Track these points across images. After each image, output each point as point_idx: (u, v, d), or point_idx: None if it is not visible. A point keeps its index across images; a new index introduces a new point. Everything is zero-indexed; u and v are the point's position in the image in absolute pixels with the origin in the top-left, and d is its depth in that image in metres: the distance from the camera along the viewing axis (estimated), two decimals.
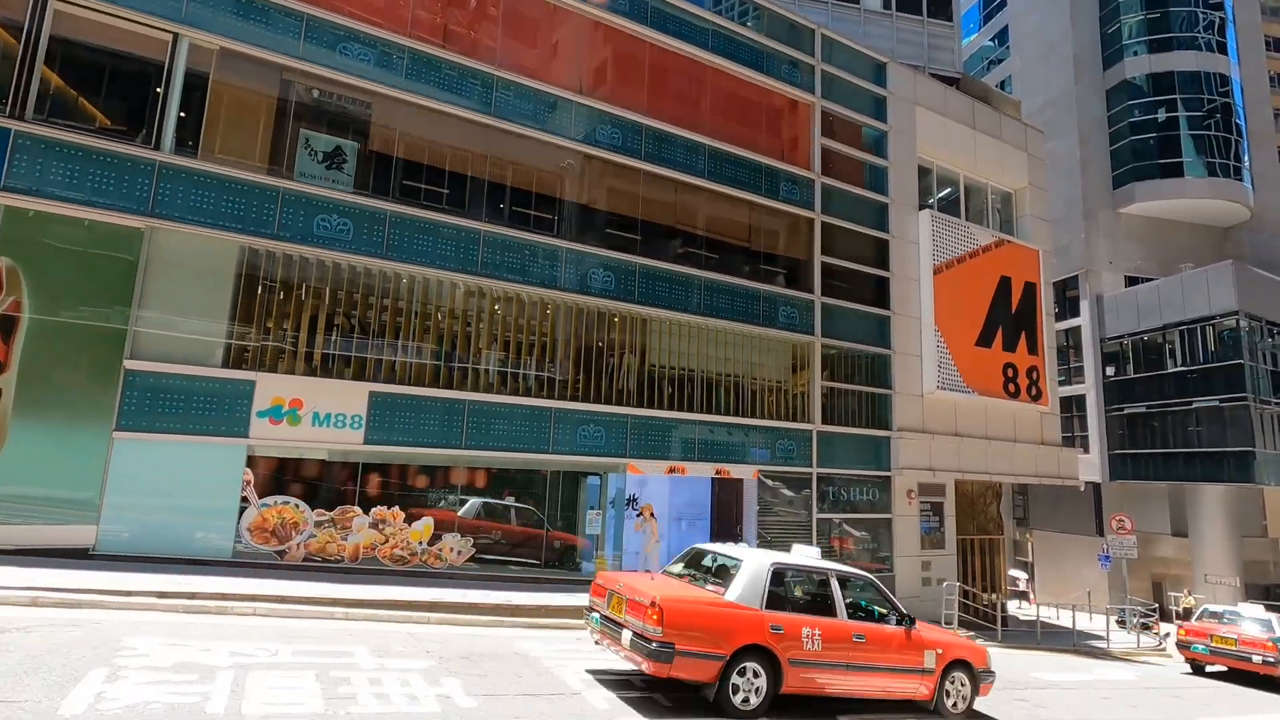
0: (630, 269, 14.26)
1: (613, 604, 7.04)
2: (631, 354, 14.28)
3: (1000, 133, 21.27)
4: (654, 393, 14.41)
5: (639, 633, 6.42)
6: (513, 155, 13.47)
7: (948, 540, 18.05)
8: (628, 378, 14.19)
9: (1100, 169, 36.79)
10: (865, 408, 17.33)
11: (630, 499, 15.06)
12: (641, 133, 14.76)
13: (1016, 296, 20.14)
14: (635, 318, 14.33)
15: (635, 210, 14.75)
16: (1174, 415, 31.20)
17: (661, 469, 14.30)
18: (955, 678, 7.92)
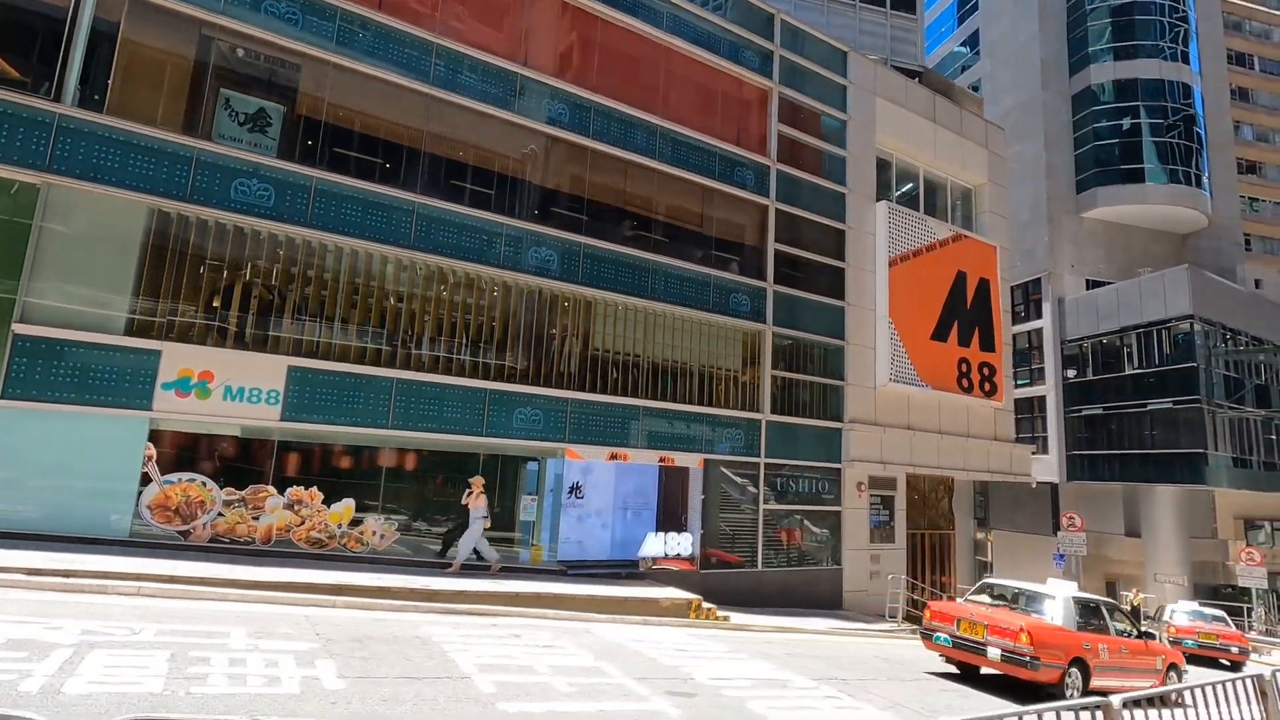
0: (575, 249, 13.85)
1: (963, 628, 9.59)
2: (575, 336, 13.87)
3: (961, 128, 21.23)
4: (598, 377, 14.03)
5: (1009, 650, 8.92)
6: (452, 128, 12.98)
7: (898, 534, 17.93)
8: (570, 360, 13.78)
9: (1065, 173, 37.20)
10: (817, 399, 17.12)
11: (574, 486, 14.69)
12: (591, 110, 14.36)
13: (972, 292, 20.10)
14: (580, 299, 13.93)
15: (582, 190, 14.35)
16: (1129, 417, 31.59)
17: (602, 455, 13.92)
18: (1171, 676, 10.60)
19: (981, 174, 21.64)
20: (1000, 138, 22.43)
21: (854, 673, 9.56)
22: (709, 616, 12.28)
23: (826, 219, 17.85)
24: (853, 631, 13.80)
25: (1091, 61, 37.59)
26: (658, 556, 14.57)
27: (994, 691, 9.38)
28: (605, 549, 14.89)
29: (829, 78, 18.40)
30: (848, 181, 18.33)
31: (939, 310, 19.28)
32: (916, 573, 18.65)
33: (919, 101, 20.32)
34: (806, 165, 17.72)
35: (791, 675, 8.63)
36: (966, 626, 9.52)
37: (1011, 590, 10.55)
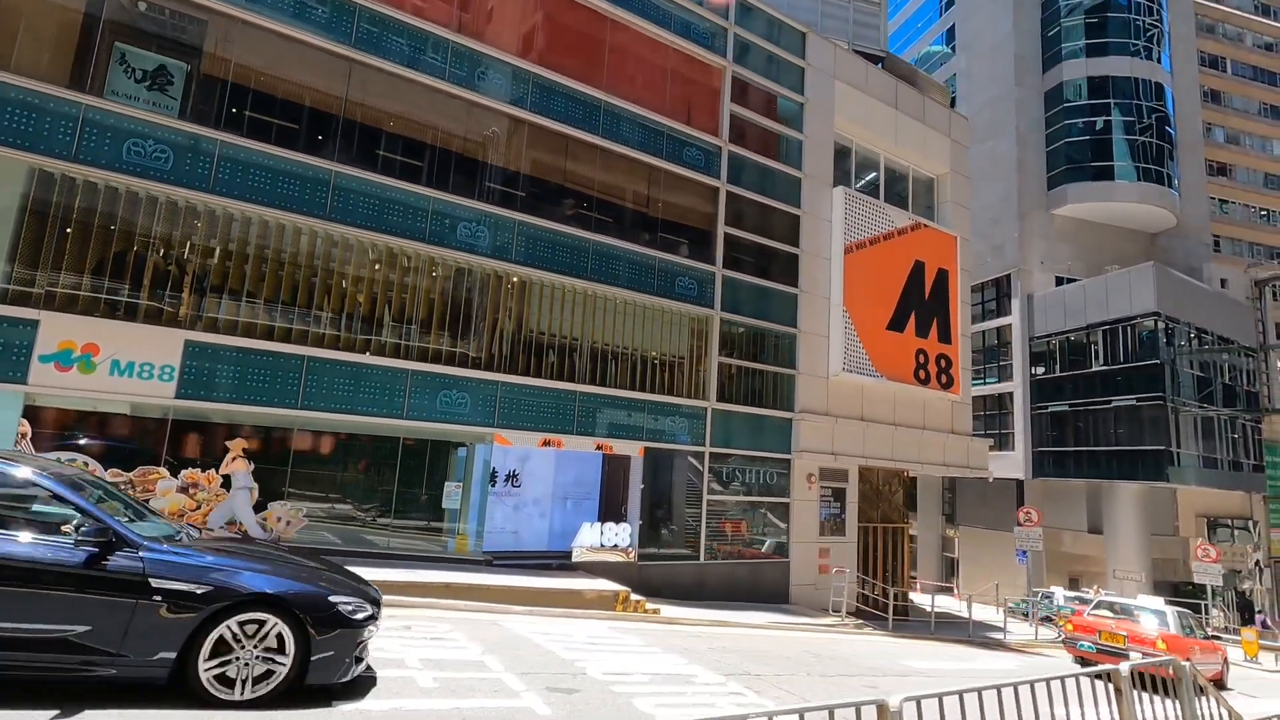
0: (508, 226, 13.25)
1: (1105, 637, 12.50)
2: (508, 317, 13.28)
3: (924, 116, 20.85)
4: (532, 359, 13.45)
5: (1148, 654, 11.35)
6: (376, 95, 12.32)
7: (849, 527, 17.54)
8: (503, 342, 13.19)
9: (1036, 169, 37.10)
10: (767, 388, 16.67)
11: (511, 474, 14.13)
12: (529, 81, 13.76)
13: (931, 282, 19.75)
14: (513, 278, 13.34)
15: (519, 165, 13.75)
16: (1094, 414, 31.56)
17: (535, 440, 13.35)
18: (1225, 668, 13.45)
19: (944, 163, 21.28)
20: (964, 127, 22.10)
21: (773, 668, 9.08)
22: (638, 609, 11.77)
23: (781, 203, 17.39)
24: (793, 626, 13.36)
25: (1065, 58, 37.51)
26: (594, 547, 14.04)
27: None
28: (543, 540, 14.34)
29: (786, 59, 17.92)
30: (804, 166, 17.86)
31: (896, 300, 18.90)
32: (868, 566, 18.29)
33: (880, 87, 19.90)
34: (761, 148, 17.23)
35: (701, 670, 8.14)
36: (1108, 636, 12.46)
37: (1125, 606, 13.83)
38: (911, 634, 15.25)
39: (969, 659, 13.05)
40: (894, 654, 11.92)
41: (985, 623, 19.93)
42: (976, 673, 11.55)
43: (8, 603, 3.88)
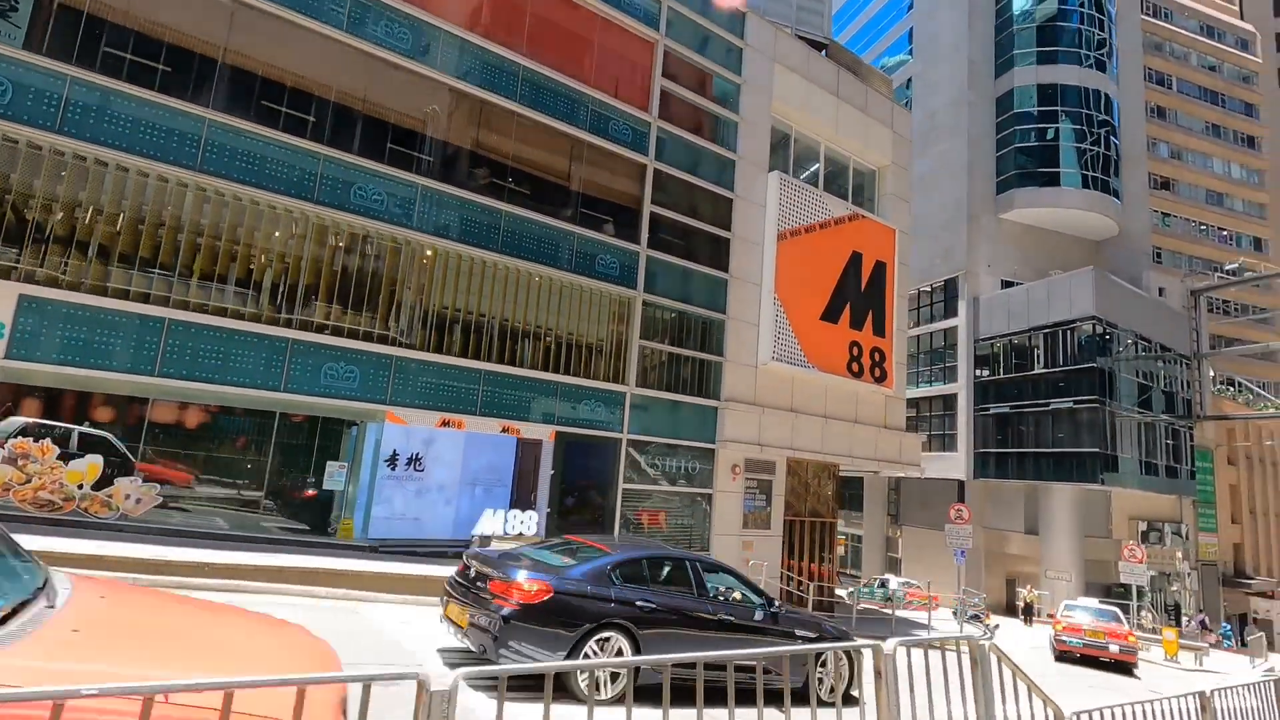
0: (410, 190, 12.40)
1: (1089, 634, 16.39)
2: (407, 287, 12.43)
3: (866, 106, 20.55)
4: (435, 334, 12.62)
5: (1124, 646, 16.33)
6: (265, 41, 11.36)
7: (774, 520, 17.07)
8: (400, 314, 12.33)
9: (986, 173, 37.43)
10: (692, 374, 16.09)
11: (414, 457, 13.32)
12: (439, 38, 12.93)
13: (868, 274, 19.43)
14: (416, 247, 12.49)
15: (425, 128, 12.90)
16: (1033, 416, 31.85)
17: (432, 420, 12.53)
18: None
19: (885, 155, 21.02)
20: (906, 120, 21.88)
21: None
22: None
23: (713, 185, 16.84)
24: None
25: (1016, 65, 37.94)
26: (497, 535, 13.26)
27: None
28: (447, 528, 13.53)
29: (724, 37, 17.38)
30: (738, 148, 17.35)
31: (831, 290, 18.52)
32: (795, 561, 17.86)
33: (822, 73, 19.52)
34: (693, 127, 16.66)
35: None
36: (1092, 634, 16.36)
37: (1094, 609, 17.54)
38: None
39: None
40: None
41: (911, 620, 19.70)
42: None
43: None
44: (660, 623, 6.47)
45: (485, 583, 6.25)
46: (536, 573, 6.21)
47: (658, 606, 6.53)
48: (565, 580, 6.22)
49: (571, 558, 6.79)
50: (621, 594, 6.42)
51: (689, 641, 6.54)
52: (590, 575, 6.41)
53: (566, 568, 6.50)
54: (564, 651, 5.92)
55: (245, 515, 10.88)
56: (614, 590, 6.39)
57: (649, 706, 5.64)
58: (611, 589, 6.39)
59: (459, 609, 6.36)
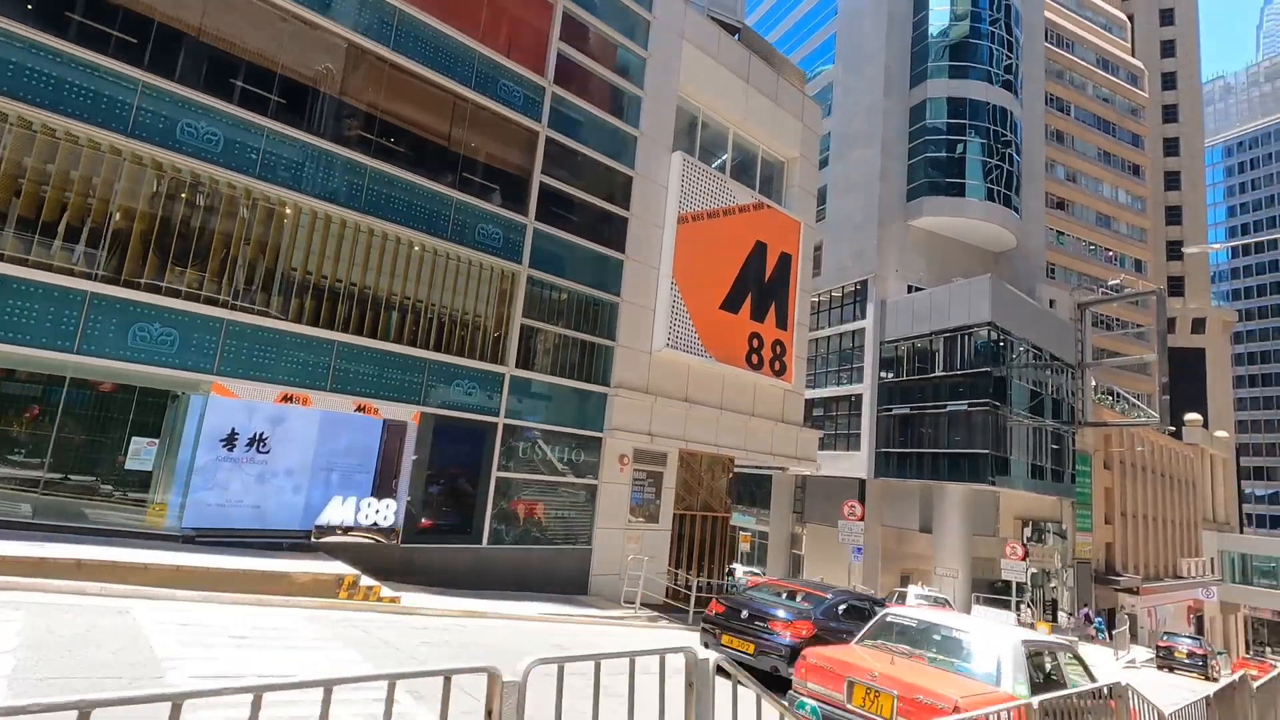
0: (255, 132, 10.93)
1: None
2: (247, 243, 10.95)
3: (776, 96, 20.23)
4: (278, 297, 11.19)
5: None
6: None
7: (663, 514, 16.41)
8: (238, 273, 10.84)
9: (897, 180, 38.35)
10: (580, 358, 15.20)
11: (257, 437, 11.84)
12: None
13: (772, 265, 19.10)
14: (258, 197, 11.02)
15: (278, 67, 11.42)
16: (930, 417, 32.74)
17: (270, 395, 11.11)
18: None
19: (795, 147, 20.79)
20: (816, 113, 21.75)
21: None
22: (371, 597, 9.87)
23: (612, 161, 16.00)
24: (570, 618, 11.91)
25: (930, 76, 39.03)
26: (346, 526, 11.97)
27: None
28: (295, 516, 12.09)
29: (629, 6, 16.55)
30: (641, 124, 16.58)
31: (733, 279, 18.05)
32: (685, 556, 17.28)
33: (732, 57, 19.02)
34: (593, 98, 15.75)
35: (371, 672, 6.39)
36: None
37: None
38: None
39: None
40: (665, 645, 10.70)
41: None
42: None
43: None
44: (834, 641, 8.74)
45: (765, 622, 9.14)
46: (801, 616, 9.14)
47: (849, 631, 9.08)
48: (816, 620, 9.11)
49: (799, 600, 9.77)
50: (840, 625, 9.40)
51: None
52: (826, 614, 9.44)
53: (812, 609, 9.41)
54: None
55: (25, 498, 9.19)
56: (836, 624, 9.38)
57: None
58: (835, 623, 9.40)
59: (739, 640, 9.20)
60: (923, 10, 40.07)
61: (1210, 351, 65.72)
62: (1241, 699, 7.43)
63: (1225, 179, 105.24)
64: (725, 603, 9.92)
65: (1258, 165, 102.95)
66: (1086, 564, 37.98)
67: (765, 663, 8.81)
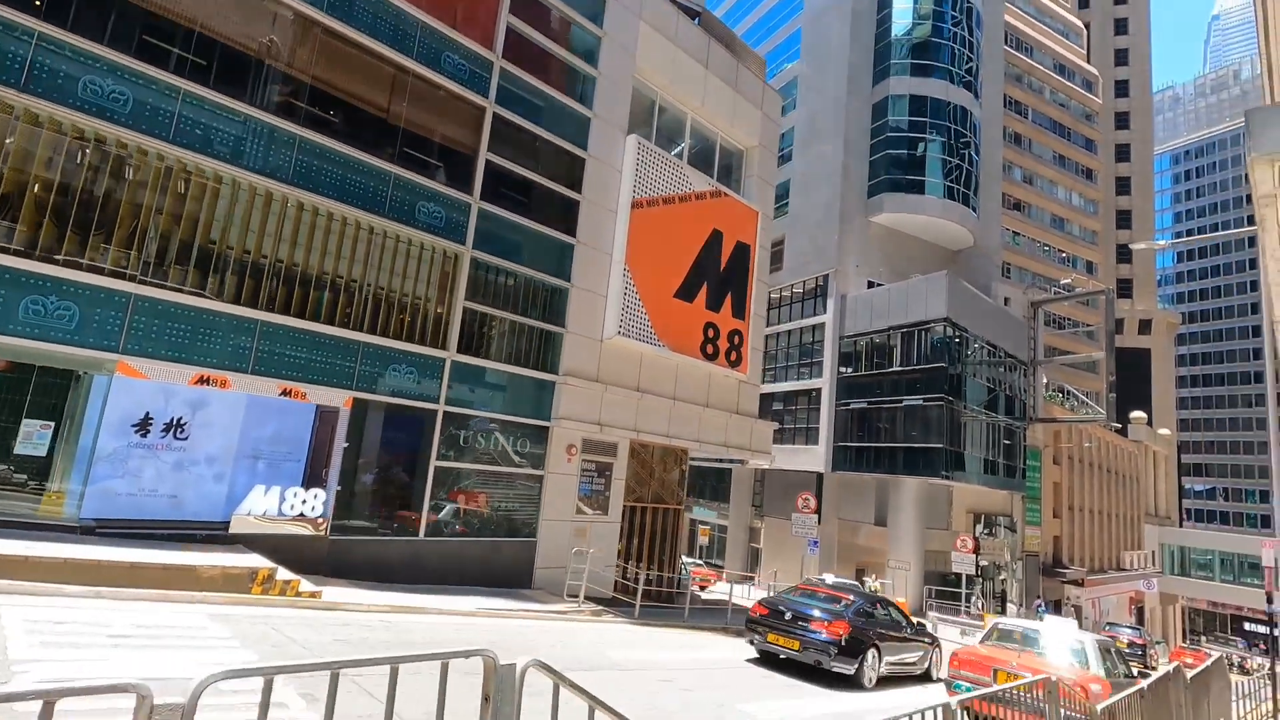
0: (169, 94, 10.15)
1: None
2: (159, 212, 10.17)
3: (736, 83, 19.92)
4: (196, 272, 10.45)
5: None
6: None
7: (612, 506, 16.02)
8: (147, 244, 10.07)
9: (859, 176, 38.54)
10: (527, 344, 14.70)
11: (175, 422, 11.12)
12: None
13: (728, 254, 18.81)
14: (172, 164, 10.25)
15: (195, 23, 10.64)
16: (887, 412, 33.01)
17: (185, 376, 10.37)
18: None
19: (754, 136, 20.53)
20: (776, 102, 21.53)
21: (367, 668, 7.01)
22: (289, 592, 9.26)
23: (564, 142, 15.49)
24: (509, 613, 11.44)
25: (892, 74, 39.29)
26: (268, 516, 11.30)
27: None
28: (217, 507, 11.38)
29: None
30: (595, 105, 16.10)
31: (688, 267, 17.71)
32: (635, 548, 16.92)
33: (691, 41, 18.64)
34: (545, 75, 15.21)
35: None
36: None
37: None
38: (660, 621, 13.93)
39: (698, 648, 11.84)
40: (604, 644, 10.34)
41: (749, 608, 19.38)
42: (695, 663, 10.26)
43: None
44: (883, 639, 10.99)
45: (806, 622, 10.46)
46: (838, 616, 10.50)
47: (881, 630, 11.14)
48: (850, 620, 10.52)
49: (831, 603, 11.02)
50: (864, 623, 10.86)
51: (892, 648, 11.22)
52: (856, 614, 10.83)
53: (844, 610, 10.76)
54: (858, 661, 10.27)
55: None
56: (862, 621, 10.81)
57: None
58: (860, 620, 10.79)
59: (784, 638, 10.53)
60: (886, 8, 40.31)
61: (1155, 352, 68.03)
62: (1175, 689, 7.36)
63: (1173, 186, 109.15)
64: (767, 605, 11.19)
65: (1203, 173, 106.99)
66: (1035, 557, 38.86)
67: (809, 657, 10.21)
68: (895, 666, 11.27)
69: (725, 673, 10.03)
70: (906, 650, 11.65)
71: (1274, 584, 15.16)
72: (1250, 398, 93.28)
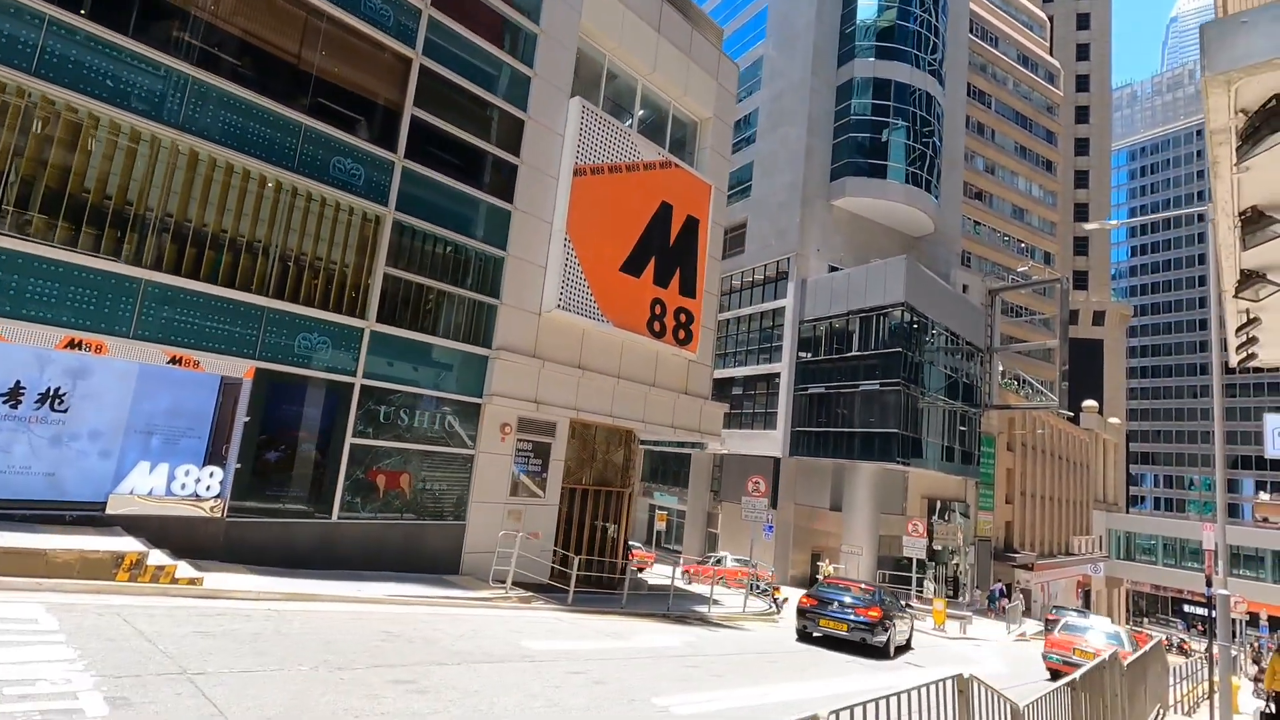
0: (31, 22, 8.97)
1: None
2: (19, 154, 9.02)
3: (690, 49, 19.11)
4: (69, 224, 9.32)
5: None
6: None
7: (550, 488, 15.27)
8: (7, 188, 8.92)
9: (822, 159, 38.09)
10: (459, 316, 13.80)
11: (51, 393, 10.09)
12: None
13: (678, 228, 18.08)
14: (36, 100, 9.09)
15: None
16: (844, 396, 32.81)
17: (51, 339, 9.28)
18: None
19: (708, 106, 19.77)
20: (733, 73, 20.80)
21: (261, 661, 6.20)
22: (162, 579, 8.33)
23: (501, 101, 14.54)
24: (423, 600, 10.65)
25: (857, 56, 38.84)
26: (154, 495, 10.29)
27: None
28: (103, 486, 10.35)
29: None
30: (536, 63, 15.15)
31: (635, 240, 16.94)
32: (577, 533, 16.23)
33: (641, 1, 17.75)
34: (480, 28, 14.21)
35: (76, 677, 4.99)
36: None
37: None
38: (595, 609, 13.28)
39: (628, 636, 11.21)
40: (523, 633, 9.62)
41: (698, 595, 18.89)
42: (618, 652, 9.60)
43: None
44: (895, 618, 14.48)
45: (852, 610, 13.72)
46: (872, 603, 13.94)
47: (893, 611, 14.66)
48: (882, 605, 14.04)
49: (854, 594, 14.37)
50: (887, 607, 14.37)
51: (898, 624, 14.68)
52: (879, 600, 14.31)
53: (875, 598, 14.30)
54: (886, 636, 13.64)
55: None
56: (885, 605, 14.22)
57: None
58: (884, 604, 14.25)
59: (834, 622, 13.68)
60: None
61: (1108, 343, 69.60)
62: (1111, 677, 6.93)
63: (1129, 181, 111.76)
64: (815, 597, 14.41)
65: (1159, 169, 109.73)
66: (987, 542, 39.33)
67: (855, 635, 13.46)
68: (899, 637, 14.71)
69: (650, 662, 9.41)
70: (904, 625, 15.40)
71: (1214, 566, 15.16)
72: (1196, 389, 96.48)
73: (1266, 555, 53.29)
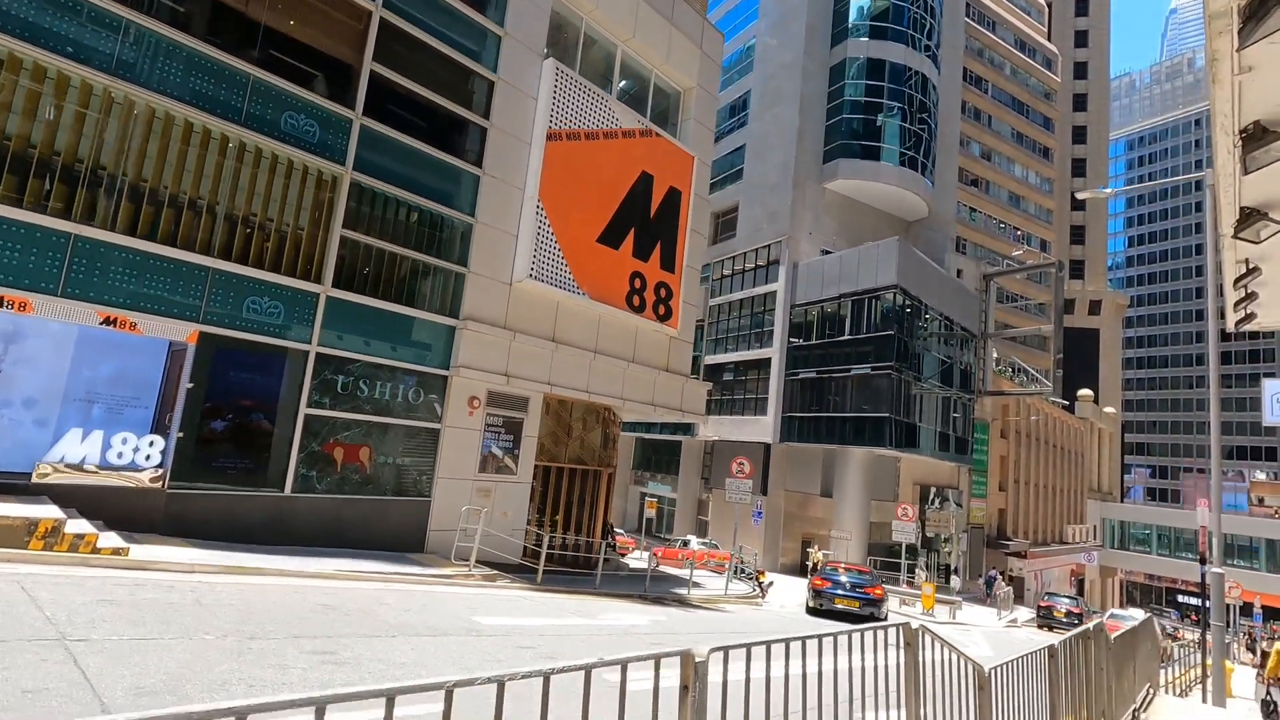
0: None
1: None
2: None
3: (672, 14, 18.44)
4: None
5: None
6: None
7: (522, 466, 14.72)
8: None
9: (814, 141, 37.43)
10: (425, 284, 13.21)
11: None
12: None
13: (659, 200, 17.47)
14: None
15: None
16: (836, 381, 32.28)
17: None
18: None
19: (691, 76, 19.11)
20: (717, 42, 20.13)
21: (103, 631, 5.65)
22: (82, 548, 7.76)
23: (468, 60, 13.89)
24: (377, 575, 10.10)
25: (850, 36, 38.12)
26: (85, 465, 9.71)
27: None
28: (35, 455, 9.75)
29: None
30: (507, 22, 14.50)
31: (613, 211, 16.33)
32: (552, 513, 15.69)
33: None
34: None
35: None
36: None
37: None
38: (565, 589, 12.76)
39: (595, 614, 10.68)
40: (478, 610, 9.08)
41: (678, 577, 18.40)
42: (555, 630, 9.06)
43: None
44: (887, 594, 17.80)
45: (862, 589, 16.24)
46: (875, 582, 17.04)
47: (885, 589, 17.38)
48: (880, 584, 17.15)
49: (856, 575, 17.01)
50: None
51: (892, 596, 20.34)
52: (876, 581, 17.21)
53: (874, 580, 17.19)
54: (885, 610, 16.41)
55: None
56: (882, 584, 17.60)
57: None
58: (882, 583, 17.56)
59: (847, 600, 15.97)
60: None
61: (1104, 333, 69.12)
62: (1097, 649, 6.40)
63: (1126, 171, 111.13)
64: (826, 579, 16.72)
65: (1156, 159, 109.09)
66: (980, 529, 38.92)
67: (865, 610, 15.81)
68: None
69: (614, 639, 8.89)
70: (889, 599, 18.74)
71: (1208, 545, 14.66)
72: (1192, 379, 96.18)
73: (1261, 545, 53.05)
